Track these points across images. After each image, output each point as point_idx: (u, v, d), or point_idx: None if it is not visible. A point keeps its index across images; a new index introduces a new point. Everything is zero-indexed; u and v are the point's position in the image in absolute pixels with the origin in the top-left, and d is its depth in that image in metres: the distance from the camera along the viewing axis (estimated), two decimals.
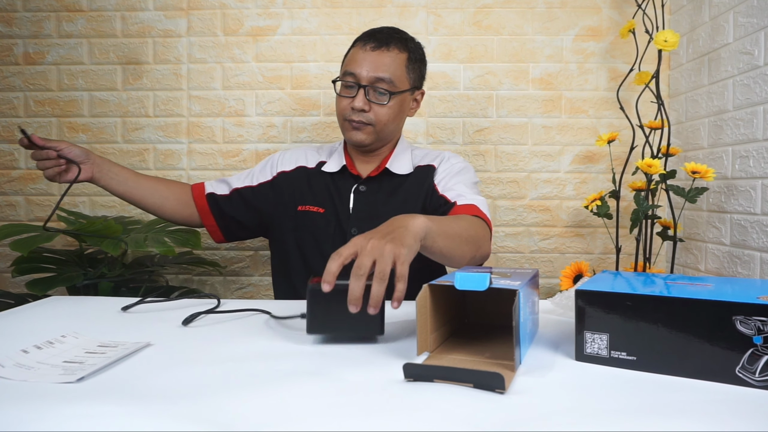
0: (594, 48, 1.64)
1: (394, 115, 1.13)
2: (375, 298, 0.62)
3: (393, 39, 1.12)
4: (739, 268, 1.32)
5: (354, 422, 0.47)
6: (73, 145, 1.05)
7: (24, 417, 0.47)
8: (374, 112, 1.10)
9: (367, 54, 1.09)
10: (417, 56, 1.16)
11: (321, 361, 0.64)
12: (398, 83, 1.10)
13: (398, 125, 1.17)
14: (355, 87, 1.09)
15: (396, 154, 1.19)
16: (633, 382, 0.57)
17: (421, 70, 1.18)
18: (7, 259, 1.68)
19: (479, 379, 0.54)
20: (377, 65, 1.08)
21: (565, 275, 1.41)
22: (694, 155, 1.52)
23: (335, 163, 1.19)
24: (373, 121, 1.11)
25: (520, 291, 0.59)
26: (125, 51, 1.68)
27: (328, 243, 1.14)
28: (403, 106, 1.15)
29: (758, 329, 0.53)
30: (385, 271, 0.62)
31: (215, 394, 0.53)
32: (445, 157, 1.20)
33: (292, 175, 1.21)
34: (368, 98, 1.09)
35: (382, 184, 1.16)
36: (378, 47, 1.10)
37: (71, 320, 0.82)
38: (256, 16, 1.66)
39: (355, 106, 1.09)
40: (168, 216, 1.20)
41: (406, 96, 1.14)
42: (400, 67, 1.11)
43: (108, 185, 1.11)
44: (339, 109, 1.14)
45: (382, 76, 1.08)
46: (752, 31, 1.27)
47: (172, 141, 1.69)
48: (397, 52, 1.11)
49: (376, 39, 1.11)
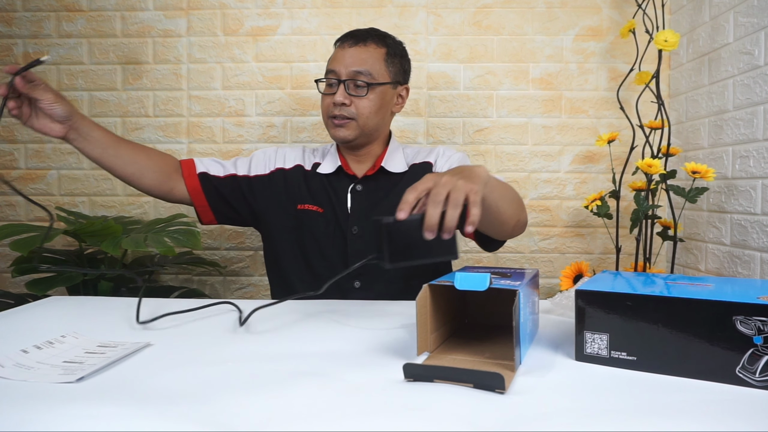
0: (594, 48, 1.64)
1: (376, 108, 1.14)
2: (449, 223, 0.65)
3: (370, 35, 1.15)
4: (739, 268, 1.32)
5: (354, 422, 0.47)
6: (59, 101, 0.94)
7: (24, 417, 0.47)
8: (355, 105, 1.12)
9: (345, 51, 1.13)
10: (396, 51, 1.18)
11: (321, 361, 0.64)
12: (377, 76, 1.12)
13: (383, 120, 1.17)
14: (336, 84, 1.12)
15: (390, 153, 1.20)
16: (633, 382, 0.57)
17: (402, 65, 1.19)
18: (7, 259, 1.68)
19: (479, 380, 0.54)
20: (355, 60, 1.11)
21: (565, 275, 1.41)
22: (694, 155, 1.52)
23: (330, 165, 1.19)
24: (355, 115, 1.12)
25: (520, 291, 0.59)
26: (125, 51, 1.68)
27: (328, 242, 1.14)
28: (384, 100, 1.15)
29: (758, 329, 0.53)
30: (459, 199, 0.65)
31: (215, 394, 0.53)
32: (440, 152, 1.21)
33: (290, 173, 1.21)
34: (348, 92, 1.11)
35: (379, 183, 1.17)
36: (355, 44, 1.13)
37: (71, 320, 0.82)
38: (256, 16, 1.66)
39: (336, 101, 1.10)
40: (145, 188, 1.13)
41: (386, 89, 1.15)
42: (378, 60, 1.13)
43: (82, 147, 1.03)
44: (323, 109, 1.16)
45: (360, 70, 1.11)
46: (752, 31, 1.27)
47: (172, 141, 1.69)
48: (374, 47, 1.14)
49: (353, 36, 1.15)
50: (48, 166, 1.70)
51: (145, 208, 1.70)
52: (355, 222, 1.14)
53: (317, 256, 1.15)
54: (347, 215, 1.15)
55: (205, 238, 1.69)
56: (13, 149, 1.70)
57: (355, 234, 1.14)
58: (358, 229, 1.13)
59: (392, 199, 1.14)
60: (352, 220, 1.14)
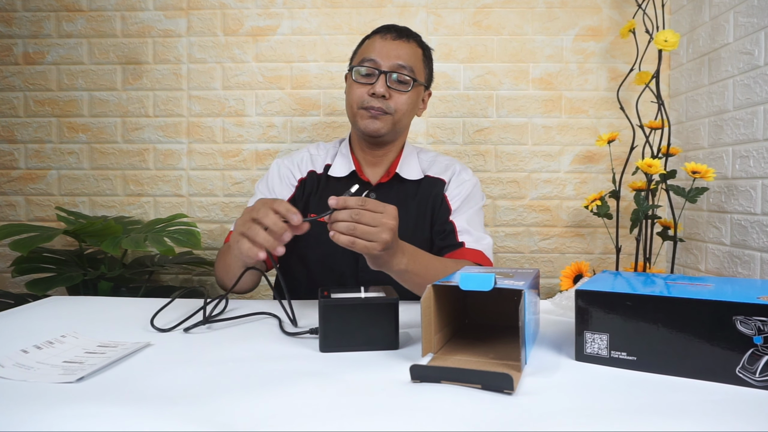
0: (594, 48, 1.64)
1: (412, 106, 1.11)
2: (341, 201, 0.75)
3: (411, 33, 1.13)
4: (739, 268, 1.32)
5: (360, 423, 0.47)
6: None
7: (24, 417, 0.47)
8: (394, 100, 1.08)
9: (387, 42, 1.09)
10: (429, 55, 1.17)
11: (323, 362, 0.64)
12: (417, 73, 1.10)
13: (410, 121, 1.15)
14: (374, 74, 1.07)
15: (404, 158, 1.16)
16: (633, 382, 0.57)
17: (431, 70, 1.18)
18: (7, 259, 1.68)
19: (488, 380, 0.54)
20: (399, 53, 1.08)
21: (565, 275, 1.41)
22: (694, 155, 1.52)
23: (343, 167, 1.14)
24: (392, 110, 1.08)
25: (525, 291, 0.59)
26: (125, 51, 1.68)
27: (336, 255, 1.05)
28: (417, 100, 1.14)
29: (758, 329, 0.53)
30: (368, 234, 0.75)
31: (215, 394, 0.53)
32: (456, 171, 1.17)
33: (307, 181, 1.15)
34: (388, 85, 1.07)
35: (392, 192, 1.13)
36: (399, 37, 1.10)
37: (71, 320, 0.82)
38: (256, 16, 1.66)
39: (376, 92, 1.05)
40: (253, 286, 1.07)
41: (420, 90, 1.14)
42: (418, 59, 1.11)
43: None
44: (354, 98, 1.09)
45: (403, 64, 1.07)
46: (752, 31, 1.27)
47: (172, 141, 1.69)
48: (415, 45, 1.12)
49: (396, 30, 1.11)
50: (48, 166, 1.70)
51: (145, 208, 1.70)
52: None
53: (326, 271, 1.10)
54: None
55: (205, 238, 1.69)
56: (13, 149, 1.70)
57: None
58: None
59: (406, 214, 1.10)
60: None
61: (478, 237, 1.09)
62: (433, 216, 1.13)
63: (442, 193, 1.14)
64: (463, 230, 1.09)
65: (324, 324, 0.67)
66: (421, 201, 1.14)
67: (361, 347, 0.68)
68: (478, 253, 1.07)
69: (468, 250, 1.07)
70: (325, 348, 0.67)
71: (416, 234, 1.11)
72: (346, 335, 0.67)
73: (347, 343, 0.68)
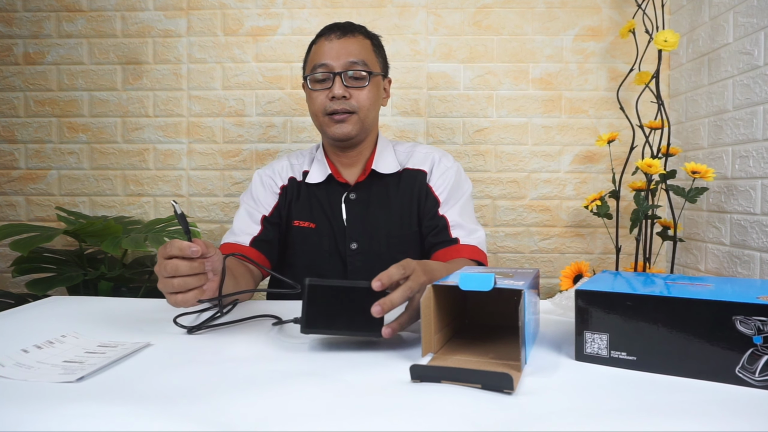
0: (594, 48, 1.64)
1: (374, 99, 1.10)
2: (388, 303, 0.64)
3: (355, 27, 1.11)
4: (739, 268, 1.32)
5: (360, 423, 0.47)
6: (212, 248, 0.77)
7: (24, 417, 0.47)
8: (355, 98, 1.06)
9: (334, 42, 1.07)
10: (378, 43, 1.15)
11: (322, 362, 0.64)
12: (371, 65, 1.08)
13: (376, 114, 1.14)
14: (329, 77, 1.06)
15: (379, 153, 1.14)
16: (633, 382, 0.57)
17: (384, 58, 1.16)
18: (7, 259, 1.68)
19: (488, 380, 0.54)
20: (348, 50, 1.06)
21: (565, 275, 1.41)
22: (694, 155, 1.52)
23: (320, 173, 1.13)
24: (356, 108, 1.07)
25: (525, 291, 0.59)
26: (125, 51, 1.68)
27: (323, 260, 1.09)
28: (379, 91, 1.12)
29: (758, 329, 0.53)
30: (415, 302, 0.69)
31: (215, 394, 0.53)
32: (435, 160, 1.15)
33: (288, 188, 1.15)
34: (345, 84, 1.06)
35: (372, 189, 1.12)
36: (344, 34, 1.08)
37: (71, 320, 0.82)
38: (256, 16, 1.66)
39: (336, 94, 1.04)
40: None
41: (379, 80, 1.12)
42: (369, 51, 1.10)
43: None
44: (316, 106, 1.08)
45: (355, 60, 1.06)
46: (752, 31, 1.27)
47: (172, 141, 1.69)
48: (362, 37, 1.10)
49: (339, 28, 1.09)
50: (48, 166, 1.70)
51: (145, 208, 1.70)
52: (352, 236, 1.09)
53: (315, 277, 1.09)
54: (343, 228, 1.10)
55: (205, 238, 1.69)
56: (13, 149, 1.70)
57: (354, 250, 1.09)
58: (358, 244, 1.09)
59: (389, 211, 1.11)
60: (349, 234, 1.09)
61: (470, 230, 1.08)
62: (419, 210, 1.12)
63: (425, 183, 1.13)
64: (455, 225, 1.08)
65: (308, 304, 0.67)
66: (404, 195, 1.12)
67: (343, 331, 0.67)
68: (473, 248, 1.06)
69: (463, 246, 1.06)
70: (306, 328, 0.66)
71: (403, 230, 1.11)
72: (329, 318, 0.67)
73: (330, 325, 0.67)
